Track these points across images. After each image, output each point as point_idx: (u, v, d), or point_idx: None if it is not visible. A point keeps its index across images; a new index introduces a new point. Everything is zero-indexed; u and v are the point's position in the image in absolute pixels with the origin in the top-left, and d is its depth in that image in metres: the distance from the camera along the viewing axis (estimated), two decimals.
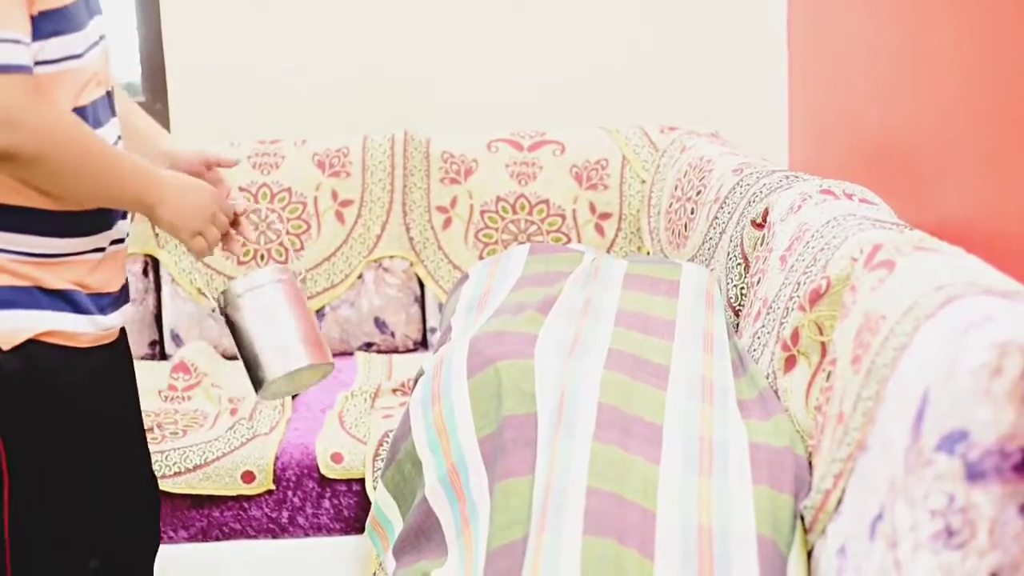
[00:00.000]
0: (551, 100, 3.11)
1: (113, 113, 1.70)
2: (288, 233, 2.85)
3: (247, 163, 2.86)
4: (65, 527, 1.64)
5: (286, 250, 2.85)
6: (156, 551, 1.84)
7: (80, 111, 1.57)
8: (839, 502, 1.39)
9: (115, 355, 1.70)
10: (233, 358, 2.81)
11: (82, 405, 1.63)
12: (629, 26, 3.10)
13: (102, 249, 1.64)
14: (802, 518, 1.50)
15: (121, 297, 1.70)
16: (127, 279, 1.75)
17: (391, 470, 1.85)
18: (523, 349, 1.78)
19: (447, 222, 2.89)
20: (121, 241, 1.70)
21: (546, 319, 1.91)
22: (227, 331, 1.74)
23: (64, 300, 1.58)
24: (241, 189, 2.82)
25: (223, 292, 1.73)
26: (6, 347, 1.54)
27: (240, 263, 2.84)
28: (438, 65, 3.09)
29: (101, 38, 1.64)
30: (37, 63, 1.50)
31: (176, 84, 3.06)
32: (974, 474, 1.09)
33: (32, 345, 1.55)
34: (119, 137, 1.70)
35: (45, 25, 1.50)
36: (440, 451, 1.72)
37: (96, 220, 1.63)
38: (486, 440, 1.65)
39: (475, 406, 1.70)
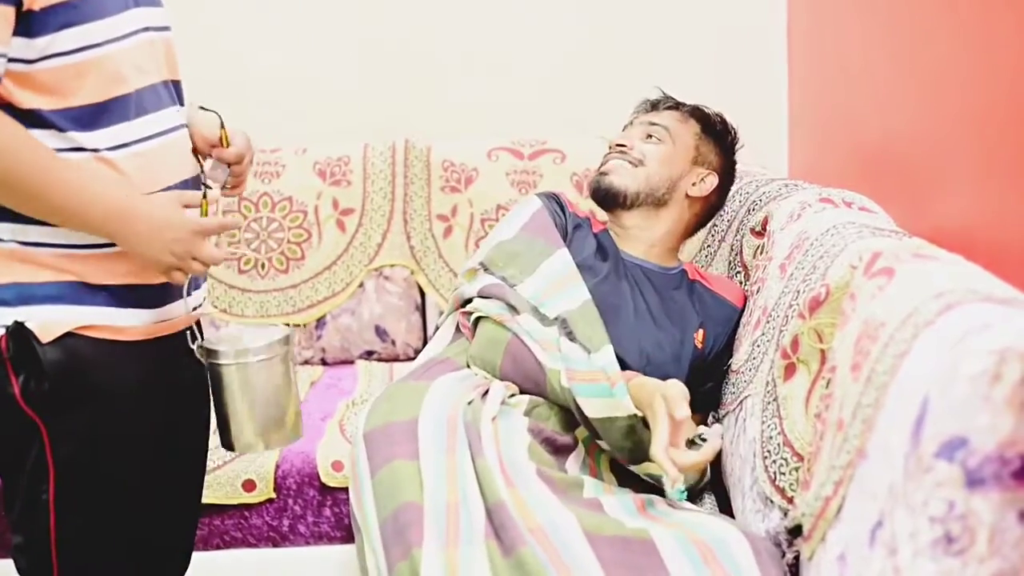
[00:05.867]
0: (551, 108, 3.11)
1: (174, 103, 1.68)
2: (289, 242, 2.86)
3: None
4: (109, 518, 1.64)
5: (287, 259, 2.85)
6: (186, 566, 1.83)
7: (116, 100, 1.56)
8: (839, 509, 1.39)
9: (174, 346, 1.68)
10: None
11: (128, 396, 1.61)
12: (628, 33, 3.10)
13: None
14: (801, 525, 1.50)
15: (181, 289, 1.67)
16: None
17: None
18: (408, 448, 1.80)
19: (448, 230, 2.90)
20: None
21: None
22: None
23: (109, 294, 1.58)
24: (242, 199, 2.83)
25: (207, 349, 1.66)
26: (45, 339, 1.54)
27: (241, 271, 2.84)
28: (438, 73, 3.09)
29: (145, 29, 1.63)
30: (49, 56, 1.50)
31: None
32: (974, 481, 1.09)
33: (72, 338, 1.55)
34: (177, 127, 1.67)
35: (51, 19, 1.49)
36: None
37: None
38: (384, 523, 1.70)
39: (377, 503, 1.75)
